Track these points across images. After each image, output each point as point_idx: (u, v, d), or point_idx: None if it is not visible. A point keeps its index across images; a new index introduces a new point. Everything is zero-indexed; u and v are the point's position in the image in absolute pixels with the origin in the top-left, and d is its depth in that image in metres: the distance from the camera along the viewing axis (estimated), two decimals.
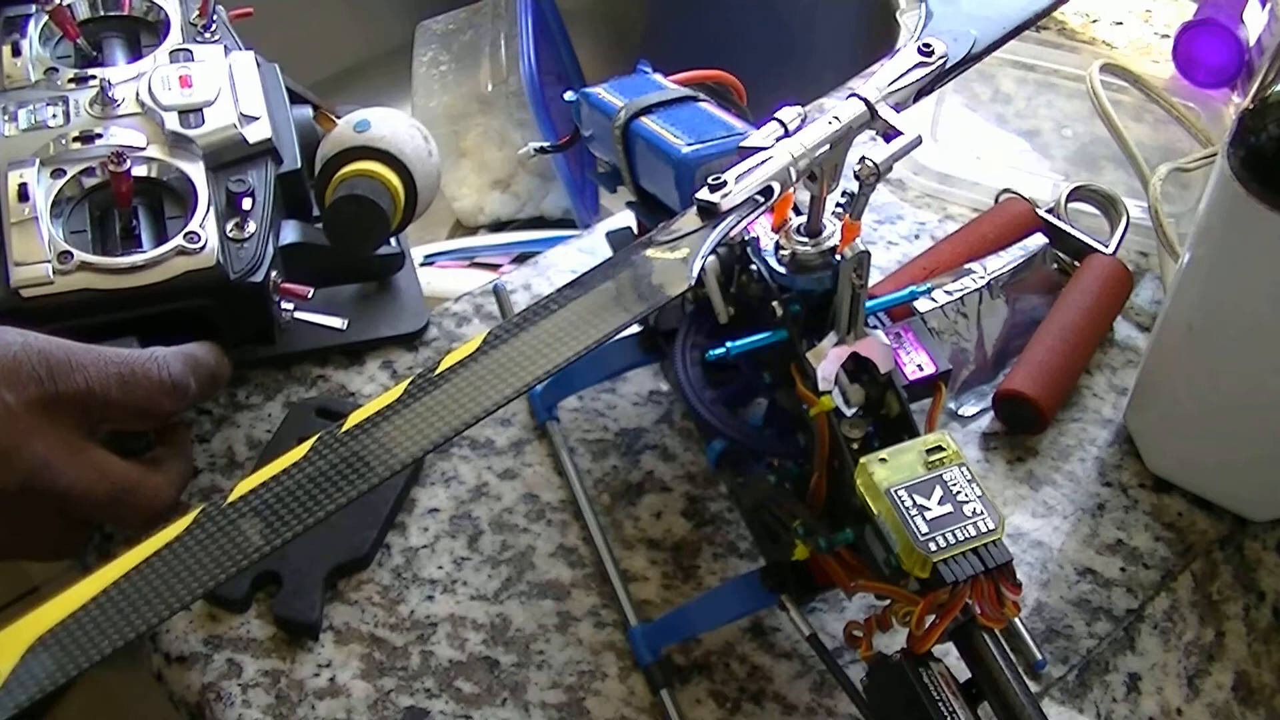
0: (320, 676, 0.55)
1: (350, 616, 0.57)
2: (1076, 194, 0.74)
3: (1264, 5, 0.83)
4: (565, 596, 0.58)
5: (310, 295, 0.61)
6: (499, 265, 0.95)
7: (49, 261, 0.57)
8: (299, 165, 0.64)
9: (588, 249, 0.74)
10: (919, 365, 0.52)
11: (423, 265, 0.92)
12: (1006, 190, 0.74)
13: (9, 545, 0.54)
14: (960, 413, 0.66)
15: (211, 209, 0.60)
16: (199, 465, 0.62)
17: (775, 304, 0.50)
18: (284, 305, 0.61)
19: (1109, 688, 0.57)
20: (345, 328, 0.65)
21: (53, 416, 0.51)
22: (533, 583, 0.59)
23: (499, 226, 1.05)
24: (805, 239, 0.50)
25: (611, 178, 0.62)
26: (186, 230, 0.58)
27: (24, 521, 0.52)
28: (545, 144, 0.65)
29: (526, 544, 0.60)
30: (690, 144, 0.55)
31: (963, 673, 0.46)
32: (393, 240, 0.67)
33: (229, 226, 0.59)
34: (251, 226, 0.60)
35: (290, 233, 0.63)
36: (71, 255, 0.57)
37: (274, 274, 0.60)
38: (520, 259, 0.93)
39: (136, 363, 0.53)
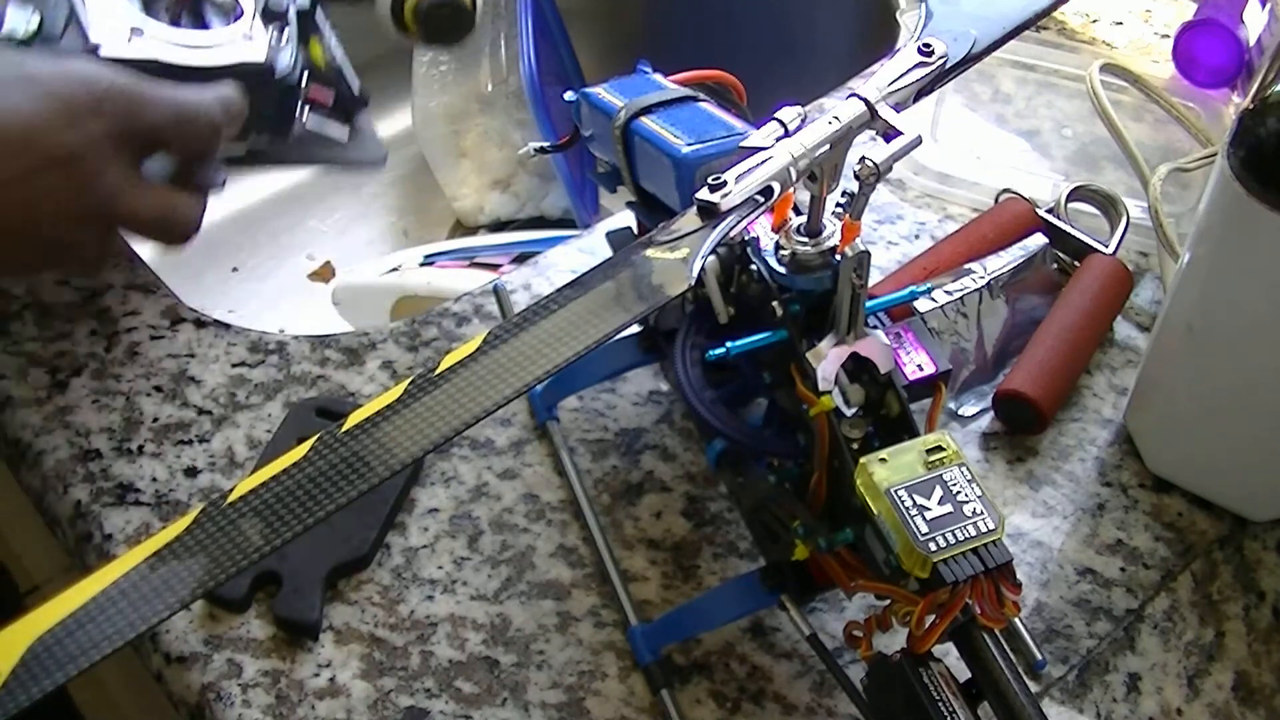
0: (320, 676, 0.55)
1: (350, 616, 0.57)
2: (1076, 194, 0.74)
3: (1264, 5, 0.83)
4: (565, 596, 0.58)
5: (331, 102, 0.79)
6: (499, 265, 0.94)
7: (125, 30, 0.68)
8: None
9: (588, 249, 0.74)
10: (919, 365, 0.52)
11: (423, 265, 0.93)
12: (1006, 190, 0.74)
13: (86, 257, 0.62)
14: (960, 413, 0.66)
15: (259, 16, 0.74)
16: (199, 465, 0.62)
17: (775, 304, 0.50)
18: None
19: (1109, 688, 0.57)
20: (347, 140, 0.81)
21: (124, 147, 0.58)
22: (533, 583, 0.59)
23: (499, 226, 1.05)
24: (805, 239, 0.50)
25: (611, 178, 0.62)
26: (242, 30, 0.72)
27: (95, 238, 0.60)
28: (545, 144, 0.65)
29: (526, 544, 0.60)
30: (690, 144, 0.55)
31: (963, 673, 0.46)
32: (354, 84, 0.82)
33: (274, 33, 0.73)
34: (289, 35, 0.75)
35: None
36: (142, 31, 0.68)
37: (304, 76, 0.76)
38: (520, 259, 0.93)
39: (189, 106, 0.61)
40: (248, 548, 0.37)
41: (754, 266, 0.51)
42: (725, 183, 0.46)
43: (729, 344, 0.50)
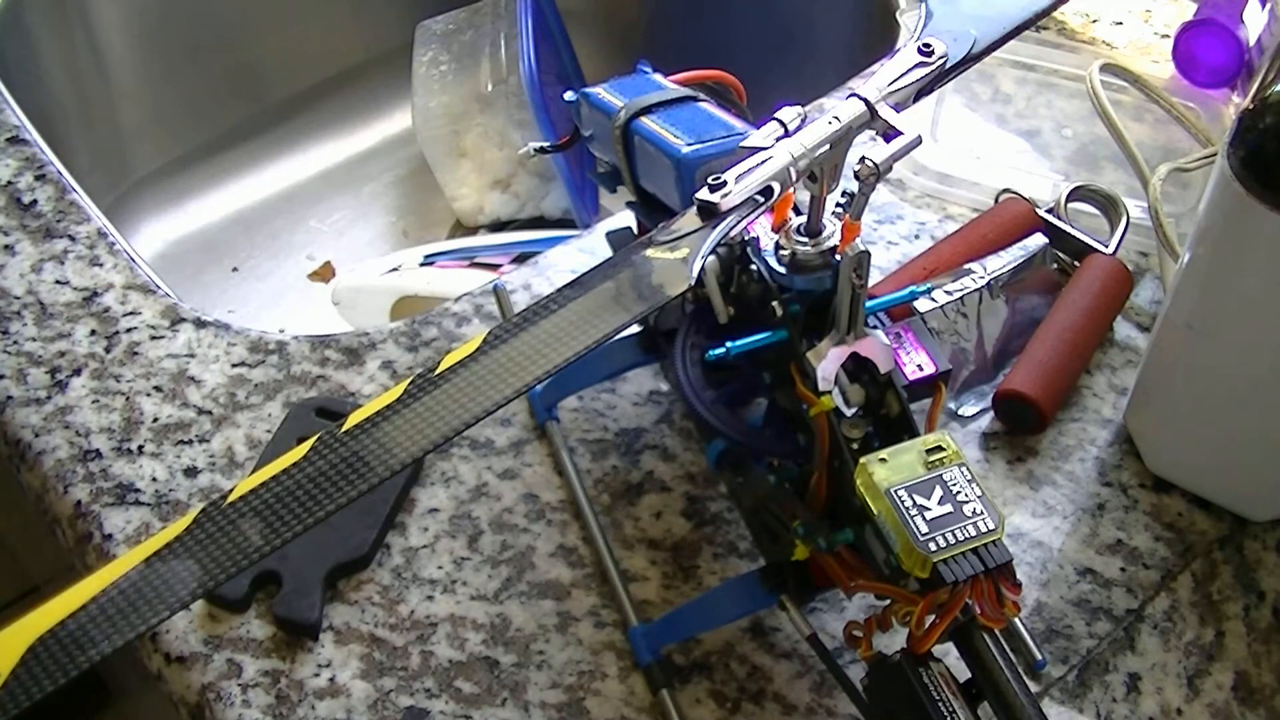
0: (320, 676, 0.55)
1: (350, 616, 0.57)
2: (1076, 194, 0.74)
3: (1264, 5, 0.83)
4: (565, 596, 0.58)
5: None
6: (499, 265, 0.94)
7: None
8: None
9: (588, 249, 0.74)
10: (919, 365, 0.52)
11: (423, 265, 0.93)
12: (1006, 190, 0.74)
13: None
14: (960, 413, 0.66)
15: None
16: (199, 465, 0.62)
17: (775, 304, 0.50)
18: None
19: (1109, 688, 0.57)
20: None
21: None
22: (533, 583, 0.59)
23: (499, 226, 1.05)
24: (805, 239, 0.50)
25: (611, 178, 0.62)
26: None
27: None
28: (545, 144, 0.65)
29: (526, 544, 0.60)
30: (690, 144, 0.55)
31: (963, 673, 0.46)
32: None
33: None
34: None
35: None
36: None
37: None
38: (520, 259, 0.93)
39: None
40: (248, 548, 0.37)
41: (754, 266, 0.51)
42: (725, 183, 0.46)
43: (729, 344, 0.50)
